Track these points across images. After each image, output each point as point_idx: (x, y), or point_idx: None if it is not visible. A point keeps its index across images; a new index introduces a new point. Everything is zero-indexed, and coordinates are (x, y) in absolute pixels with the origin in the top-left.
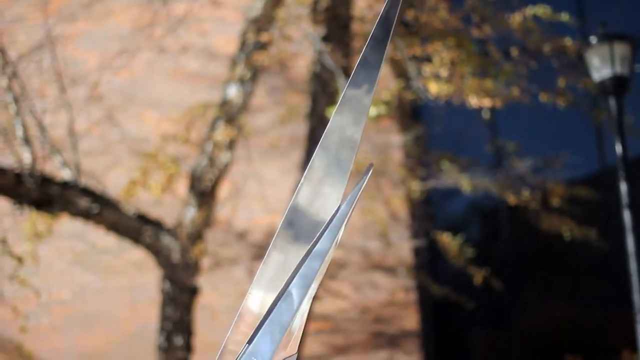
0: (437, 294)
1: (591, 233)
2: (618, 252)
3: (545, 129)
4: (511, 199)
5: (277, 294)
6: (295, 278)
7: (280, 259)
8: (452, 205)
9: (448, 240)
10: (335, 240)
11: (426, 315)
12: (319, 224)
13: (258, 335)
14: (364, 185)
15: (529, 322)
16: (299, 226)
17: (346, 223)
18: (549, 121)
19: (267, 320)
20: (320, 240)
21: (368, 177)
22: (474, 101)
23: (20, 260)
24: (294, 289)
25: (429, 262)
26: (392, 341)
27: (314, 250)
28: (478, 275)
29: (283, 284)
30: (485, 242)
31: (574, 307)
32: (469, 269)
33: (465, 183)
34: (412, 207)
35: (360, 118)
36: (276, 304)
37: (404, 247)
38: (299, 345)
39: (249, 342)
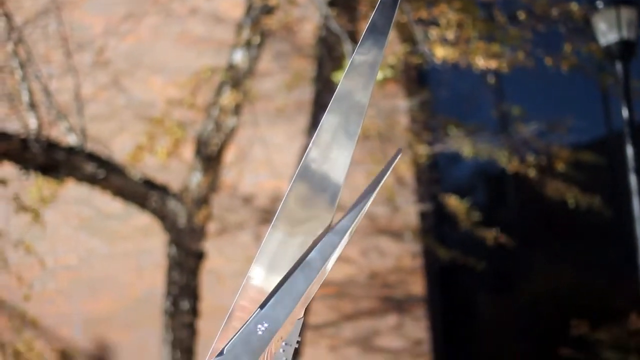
0: (445, 257)
1: (595, 200)
2: (624, 217)
3: (550, 93)
4: (512, 166)
5: (284, 260)
6: (315, 251)
7: (288, 225)
8: (458, 170)
9: (456, 204)
10: (358, 218)
11: (433, 280)
12: (327, 188)
13: (271, 301)
14: (390, 170)
15: (535, 287)
16: (306, 190)
17: (368, 207)
18: (555, 86)
19: (282, 289)
20: (344, 217)
21: (396, 162)
22: (480, 63)
23: (34, 213)
24: (312, 262)
25: (435, 227)
26: (399, 306)
27: (336, 226)
28: (489, 236)
29: (291, 252)
30: (491, 207)
31: (580, 271)
32: (477, 232)
33: (467, 149)
34: (418, 171)
35: (369, 83)
36: (292, 274)
37: (410, 212)
38: (305, 311)
39: (261, 307)
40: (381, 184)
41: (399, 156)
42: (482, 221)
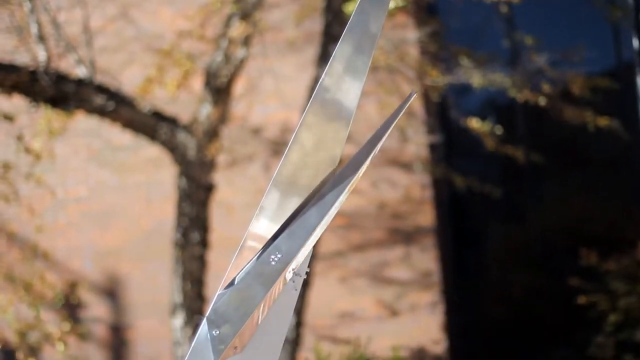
0: (460, 185)
1: (613, 123)
2: (634, 147)
3: (560, 23)
4: (523, 96)
5: (296, 189)
6: (329, 185)
7: (300, 157)
8: (468, 100)
9: (478, 125)
10: (372, 155)
11: (442, 211)
12: (339, 117)
13: (284, 233)
14: (403, 111)
15: (545, 217)
16: (319, 119)
17: (382, 143)
18: (564, 16)
19: (296, 222)
20: (358, 153)
21: (408, 104)
22: None
23: (37, 156)
24: (326, 195)
25: (445, 158)
26: (409, 237)
27: (350, 161)
28: (517, 154)
29: (305, 183)
30: (501, 138)
31: (590, 202)
32: (503, 150)
33: (476, 80)
34: (428, 102)
35: (381, 13)
36: (306, 207)
37: (420, 143)
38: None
39: (274, 238)
40: (394, 123)
41: (413, 97)
42: (493, 152)
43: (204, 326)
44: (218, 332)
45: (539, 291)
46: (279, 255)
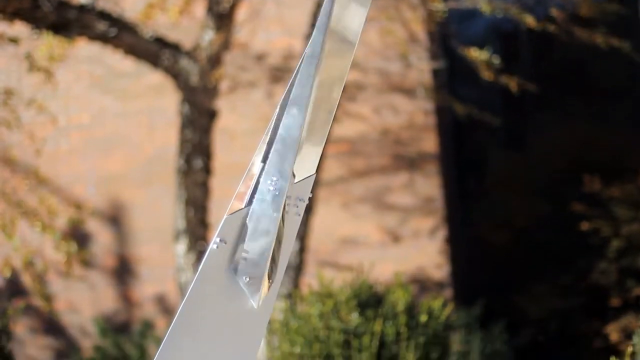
0: (460, 112)
1: (624, 44)
2: (638, 75)
3: None
4: (530, 21)
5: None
6: (295, 87)
7: (308, 79)
8: (471, 26)
9: (476, 55)
10: (324, 40)
11: (445, 137)
12: (345, 41)
13: (270, 155)
14: None
15: (549, 143)
16: (325, 43)
17: (328, 21)
18: None
19: (277, 139)
20: (309, 45)
21: None
22: None
23: (47, 73)
24: (296, 99)
25: (448, 84)
26: (411, 163)
27: (304, 54)
28: (512, 83)
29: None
30: (504, 65)
31: (593, 128)
32: (499, 80)
33: (484, 5)
34: (431, 28)
35: None
36: (280, 120)
37: (423, 69)
38: (317, 167)
39: (264, 160)
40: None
41: None
42: (502, 70)
43: (212, 247)
44: (227, 253)
45: (541, 217)
46: (274, 179)
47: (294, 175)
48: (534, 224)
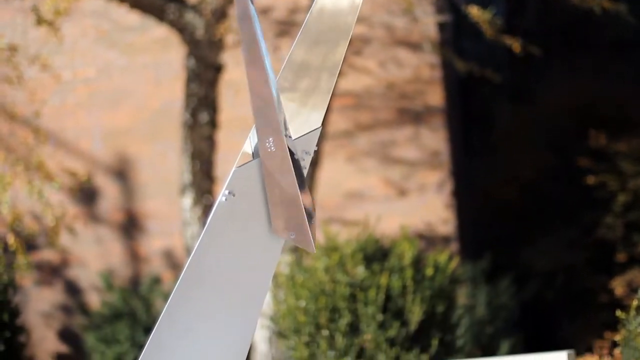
0: (462, 69)
1: (621, 7)
2: None
3: None
4: None
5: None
6: (242, 52)
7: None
8: None
9: (478, 13)
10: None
11: (451, 91)
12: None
13: (257, 121)
14: None
15: (555, 98)
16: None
17: None
18: None
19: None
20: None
21: None
22: None
23: (53, 27)
24: (250, 64)
25: (453, 39)
26: (417, 117)
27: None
28: (514, 44)
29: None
30: (509, 19)
31: (599, 83)
32: (500, 40)
33: None
34: None
35: None
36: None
37: (429, 23)
38: (323, 120)
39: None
40: None
41: None
42: (504, 31)
43: (220, 199)
44: (236, 205)
45: (547, 171)
46: (270, 139)
47: (287, 128)
48: (540, 178)
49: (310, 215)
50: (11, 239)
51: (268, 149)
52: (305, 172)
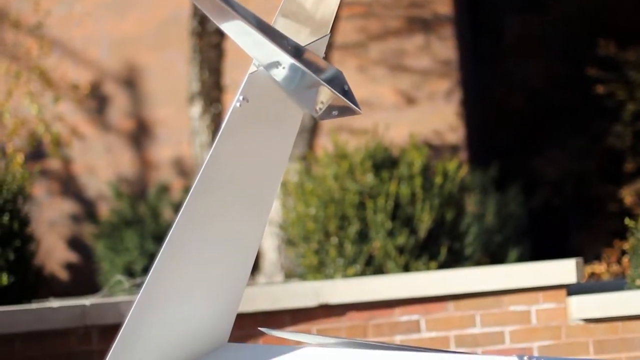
0: None
1: None
2: None
3: None
4: None
5: None
6: None
7: None
8: None
9: None
10: None
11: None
12: None
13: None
14: None
15: (565, 6)
16: None
17: None
18: None
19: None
20: None
21: None
22: None
23: None
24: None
25: None
26: (427, 26)
27: None
28: None
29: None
30: None
31: None
32: None
33: None
34: None
35: None
36: None
37: None
38: (331, 30)
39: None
40: None
41: None
42: None
43: (235, 105)
44: (250, 110)
45: (556, 80)
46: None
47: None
48: (549, 86)
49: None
50: (10, 148)
51: (280, 69)
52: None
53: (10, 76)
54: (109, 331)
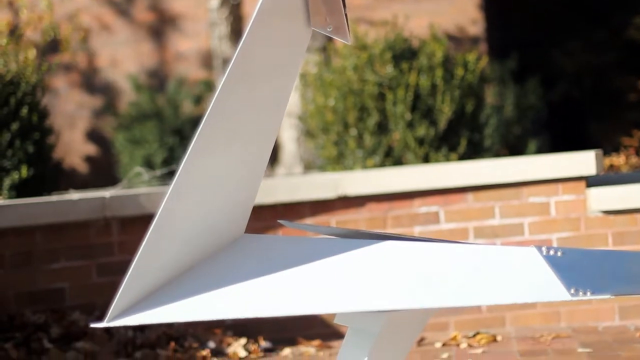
0: None
1: None
2: None
3: None
4: None
5: None
6: None
7: None
8: None
9: None
10: None
11: None
12: None
13: None
14: None
15: None
16: None
17: None
18: None
19: None
20: None
21: None
22: None
23: None
24: None
25: None
26: None
27: None
28: None
29: None
30: None
31: None
32: None
33: None
34: None
35: None
36: None
37: None
38: None
39: None
40: None
41: None
42: None
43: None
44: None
45: None
46: None
47: None
48: None
49: (344, 7)
50: (24, 41)
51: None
52: None
53: None
54: (129, 223)
